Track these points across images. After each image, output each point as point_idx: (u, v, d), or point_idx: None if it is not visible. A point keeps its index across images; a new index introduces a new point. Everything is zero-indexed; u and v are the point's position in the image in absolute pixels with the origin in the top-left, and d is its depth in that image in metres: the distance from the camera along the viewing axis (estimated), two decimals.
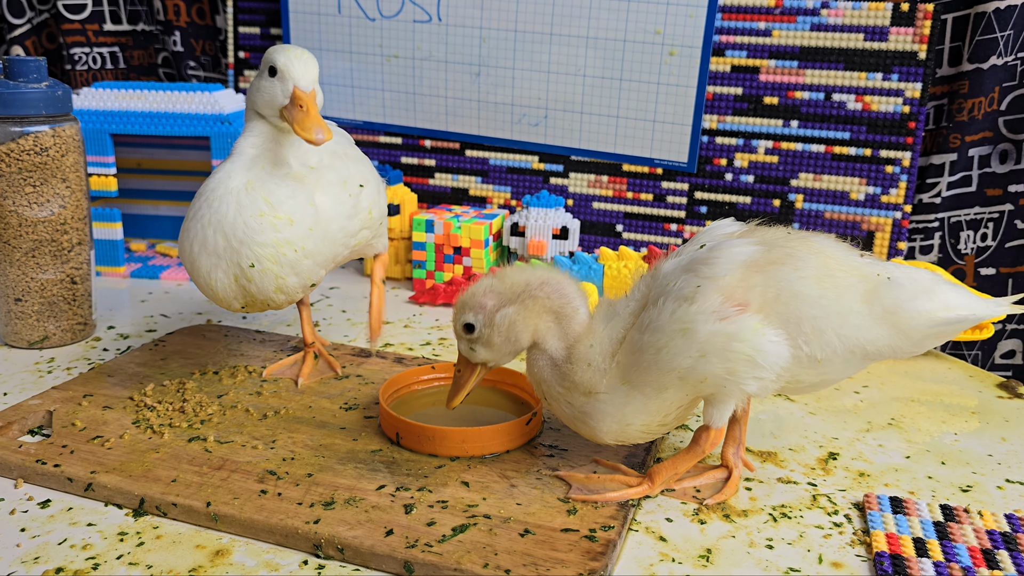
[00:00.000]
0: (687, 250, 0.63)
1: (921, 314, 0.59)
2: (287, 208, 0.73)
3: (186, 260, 0.74)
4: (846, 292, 0.59)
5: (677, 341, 0.58)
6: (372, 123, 1.29)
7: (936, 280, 0.61)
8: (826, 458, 0.72)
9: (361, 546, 0.57)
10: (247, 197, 0.72)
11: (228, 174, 0.73)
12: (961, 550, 0.58)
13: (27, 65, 0.86)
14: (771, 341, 0.58)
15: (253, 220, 0.72)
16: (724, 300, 0.58)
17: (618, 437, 0.63)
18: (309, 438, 0.70)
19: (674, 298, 0.59)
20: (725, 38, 1.12)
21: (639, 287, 0.64)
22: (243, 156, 0.75)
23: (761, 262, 0.59)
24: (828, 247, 0.61)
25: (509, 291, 0.63)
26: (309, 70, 0.73)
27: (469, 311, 0.63)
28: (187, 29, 1.40)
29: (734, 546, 0.59)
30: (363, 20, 1.25)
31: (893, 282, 0.60)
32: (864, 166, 1.10)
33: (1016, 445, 0.75)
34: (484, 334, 0.63)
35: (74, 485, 0.64)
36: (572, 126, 1.20)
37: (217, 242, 0.72)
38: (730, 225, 0.66)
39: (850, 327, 0.59)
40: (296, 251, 0.73)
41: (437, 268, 1.12)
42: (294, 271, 0.74)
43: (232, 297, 0.74)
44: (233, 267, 0.72)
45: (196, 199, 0.74)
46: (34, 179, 0.87)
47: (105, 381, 0.80)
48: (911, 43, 1.05)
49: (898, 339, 0.60)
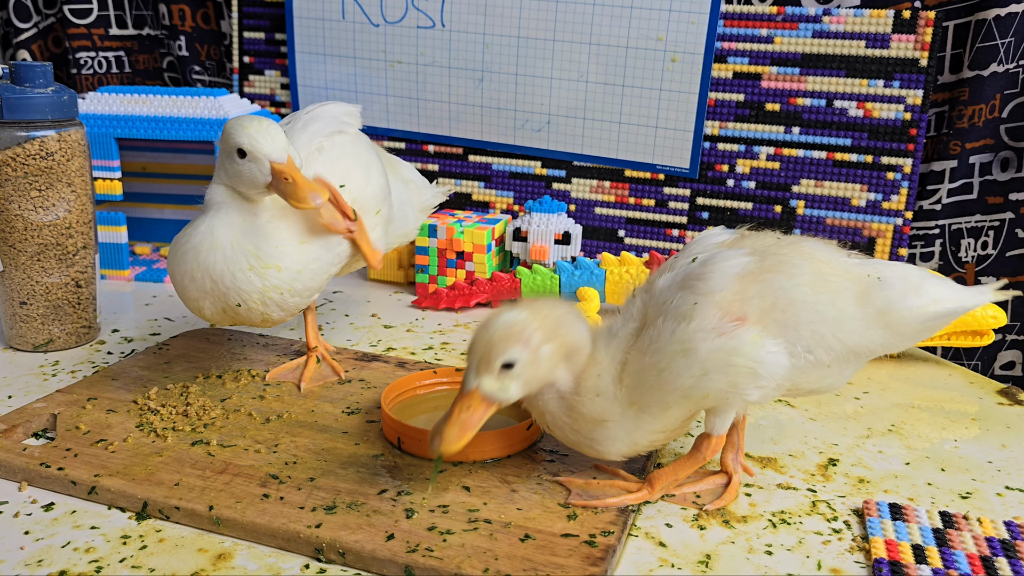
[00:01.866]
0: (680, 263, 0.63)
1: (912, 311, 0.60)
2: (275, 259, 0.74)
3: (175, 284, 0.76)
4: (840, 295, 0.60)
5: (678, 362, 0.58)
6: (376, 128, 1.30)
7: (923, 275, 0.62)
8: (826, 464, 0.72)
9: (362, 550, 0.57)
10: (232, 252, 0.73)
11: (210, 229, 0.74)
12: (960, 557, 0.58)
13: (33, 70, 0.87)
14: (770, 352, 0.58)
15: (240, 273, 0.73)
16: (722, 315, 0.58)
17: (627, 455, 0.63)
18: (311, 442, 0.71)
19: (672, 317, 0.59)
20: (727, 45, 1.13)
21: (635, 304, 0.63)
22: (220, 208, 0.74)
23: (755, 272, 0.59)
24: (818, 250, 0.62)
25: (551, 328, 0.58)
26: (276, 139, 0.71)
27: (516, 345, 0.57)
28: (192, 34, 1.40)
29: (733, 552, 0.59)
30: (367, 25, 1.25)
31: (884, 282, 0.61)
32: (865, 172, 1.10)
33: (1016, 452, 0.75)
34: (525, 373, 0.58)
35: (78, 488, 0.65)
36: (575, 131, 1.20)
37: (204, 283, 0.74)
38: (720, 234, 0.66)
39: (846, 330, 0.59)
40: (282, 294, 0.75)
41: (440, 272, 1.12)
42: (280, 307, 0.76)
43: (220, 320, 0.77)
44: (220, 302, 0.74)
45: (183, 241, 0.74)
46: (40, 183, 0.87)
47: (109, 384, 0.81)
48: (912, 50, 1.06)
49: (891, 337, 0.61)
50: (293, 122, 0.83)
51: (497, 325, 0.58)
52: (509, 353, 0.57)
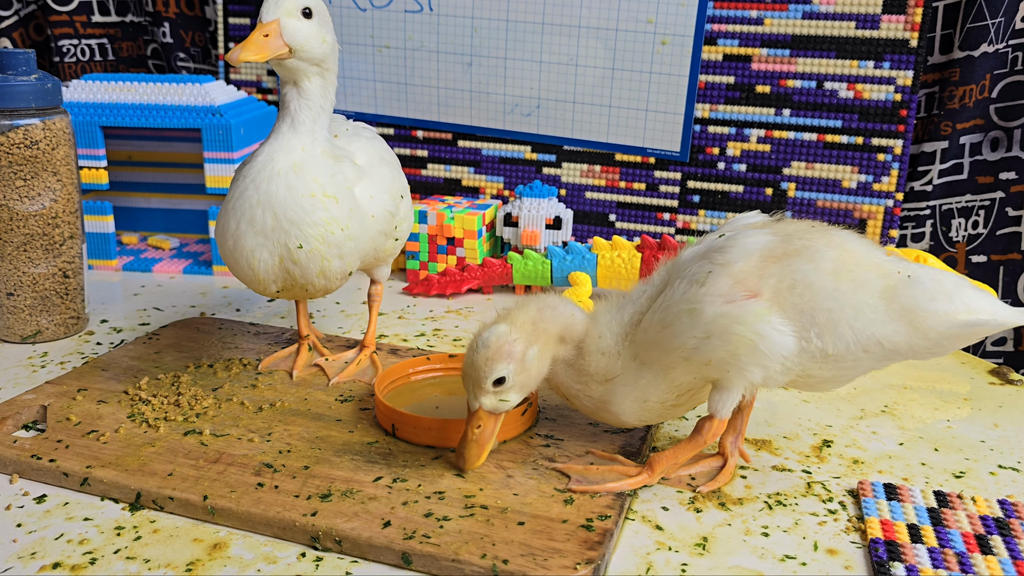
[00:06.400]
0: (708, 239, 0.65)
1: (940, 314, 0.58)
2: (332, 187, 0.72)
3: (227, 239, 0.73)
4: (862, 286, 0.59)
5: (683, 320, 0.60)
6: (364, 114, 1.29)
7: (960, 283, 0.59)
8: (820, 445, 0.72)
9: (359, 538, 0.57)
10: (297, 178, 0.71)
11: (271, 156, 0.72)
12: (955, 536, 0.58)
13: (16, 58, 0.85)
14: (775, 329, 0.58)
15: (305, 200, 0.71)
16: (734, 285, 0.59)
17: (641, 416, 0.65)
18: (305, 430, 0.70)
19: (687, 281, 0.61)
20: (717, 27, 1.12)
21: (659, 273, 0.66)
22: (278, 137, 0.73)
23: (778, 253, 0.60)
24: (849, 242, 0.61)
25: (529, 330, 0.62)
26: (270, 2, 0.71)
27: (500, 362, 0.61)
28: (176, 20, 1.39)
29: (730, 534, 0.60)
30: (354, 10, 1.24)
31: (913, 280, 0.59)
32: (856, 154, 1.10)
33: (1008, 431, 0.75)
34: (517, 381, 0.62)
35: (70, 480, 0.64)
36: (564, 116, 1.20)
37: (266, 221, 0.71)
38: (754, 216, 0.67)
39: (863, 321, 0.58)
40: (343, 230, 0.72)
41: (431, 259, 1.12)
42: (339, 252, 0.73)
43: (271, 280, 0.73)
44: (280, 248, 0.71)
45: (239, 180, 0.73)
46: (25, 172, 0.86)
47: (99, 375, 0.80)
48: (902, 31, 1.05)
49: (915, 337, 0.59)
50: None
51: (478, 348, 0.61)
52: (496, 371, 0.61)
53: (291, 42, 0.71)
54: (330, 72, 0.75)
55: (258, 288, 0.74)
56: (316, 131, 0.74)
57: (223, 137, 1.11)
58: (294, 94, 0.74)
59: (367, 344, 0.85)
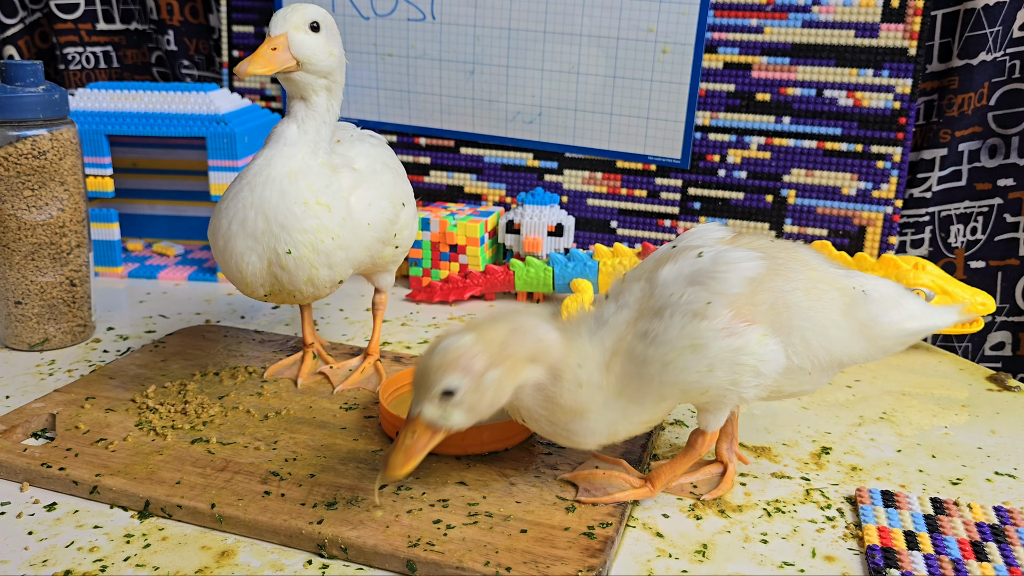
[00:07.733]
0: (682, 257, 0.62)
1: (892, 325, 0.62)
2: (326, 196, 0.73)
3: (219, 240, 0.73)
4: (829, 305, 0.61)
5: (686, 356, 0.58)
6: (367, 121, 1.30)
7: (899, 290, 0.64)
8: (819, 453, 0.73)
9: (364, 545, 0.58)
10: (291, 185, 0.72)
11: (268, 161, 0.73)
12: (951, 543, 0.59)
13: (24, 69, 0.86)
14: (772, 350, 0.59)
15: (297, 207, 0.72)
16: (733, 316, 0.58)
17: (604, 442, 0.62)
18: (310, 438, 0.71)
19: (683, 313, 0.58)
20: (717, 35, 1.13)
21: (632, 292, 0.62)
22: (279, 143, 0.74)
23: (763, 274, 0.60)
24: (811, 259, 0.63)
25: (496, 349, 0.55)
26: (279, 16, 0.72)
27: (453, 372, 0.54)
28: (180, 28, 1.40)
29: (729, 541, 0.60)
30: (357, 19, 1.25)
31: (868, 295, 0.62)
32: (855, 162, 1.11)
33: (1005, 438, 0.76)
34: (467, 400, 0.55)
35: (79, 488, 0.65)
36: (566, 123, 1.21)
37: (257, 224, 0.72)
38: (717, 229, 0.65)
39: (832, 339, 0.61)
40: (333, 239, 0.73)
41: (433, 266, 1.13)
42: (328, 262, 0.73)
43: (259, 283, 0.74)
44: (269, 252, 0.72)
45: (236, 182, 0.74)
46: (32, 183, 0.87)
47: (107, 383, 0.81)
48: (901, 39, 1.06)
49: (870, 349, 0.63)
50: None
51: (436, 352, 0.55)
52: (446, 381, 0.54)
53: (299, 55, 0.72)
54: (337, 85, 0.76)
55: (246, 291, 0.75)
56: (319, 142, 0.75)
57: (227, 145, 1.12)
58: (302, 106, 0.75)
59: (371, 352, 0.86)
